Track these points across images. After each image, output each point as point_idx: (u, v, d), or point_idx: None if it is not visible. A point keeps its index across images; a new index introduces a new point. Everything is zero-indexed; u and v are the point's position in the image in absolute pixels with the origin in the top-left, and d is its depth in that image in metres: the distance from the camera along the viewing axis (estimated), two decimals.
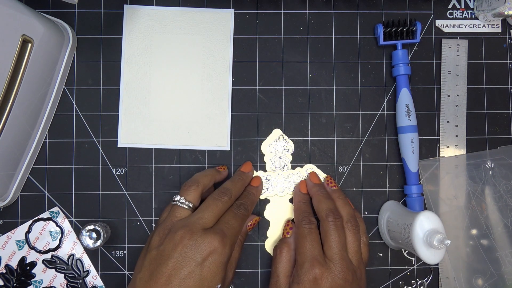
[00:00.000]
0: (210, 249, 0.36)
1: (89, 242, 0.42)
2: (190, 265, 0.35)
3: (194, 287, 0.35)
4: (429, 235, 0.37)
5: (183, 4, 0.47)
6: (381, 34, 0.46)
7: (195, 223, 0.37)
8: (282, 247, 0.42)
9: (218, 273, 0.36)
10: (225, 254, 0.36)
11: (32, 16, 0.38)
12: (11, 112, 0.39)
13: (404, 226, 0.40)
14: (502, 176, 0.46)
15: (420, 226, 0.38)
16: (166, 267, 0.35)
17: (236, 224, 0.39)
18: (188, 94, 0.46)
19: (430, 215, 0.38)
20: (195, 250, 0.35)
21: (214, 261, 0.36)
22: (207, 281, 0.35)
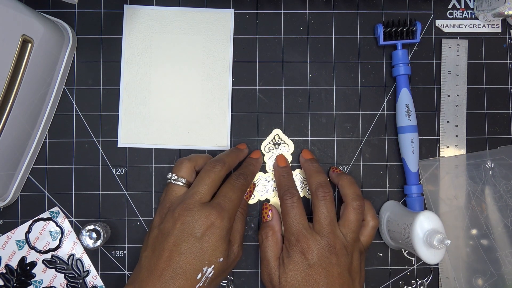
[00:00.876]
0: (208, 223, 0.36)
1: (89, 242, 0.42)
2: (189, 240, 0.35)
3: (195, 261, 0.35)
4: (429, 235, 0.37)
5: (183, 4, 0.47)
6: (381, 34, 0.46)
7: (191, 198, 0.37)
8: (266, 231, 0.41)
9: (219, 246, 0.36)
10: (223, 228, 0.36)
11: (32, 16, 0.38)
12: (11, 112, 0.39)
13: (404, 226, 0.40)
14: (502, 176, 0.46)
15: (420, 226, 0.38)
16: (167, 243, 0.36)
17: (234, 196, 0.39)
18: (188, 94, 0.46)
19: (430, 215, 0.38)
20: (193, 226, 0.36)
21: (213, 235, 0.36)
22: (208, 255, 0.35)
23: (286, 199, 0.40)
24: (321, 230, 0.38)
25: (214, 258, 0.36)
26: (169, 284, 0.34)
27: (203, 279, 0.35)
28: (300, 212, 0.39)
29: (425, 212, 0.38)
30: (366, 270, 0.46)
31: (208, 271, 0.36)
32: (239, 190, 0.40)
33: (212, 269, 0.36)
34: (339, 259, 0.37)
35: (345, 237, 0.39)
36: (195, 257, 0.35)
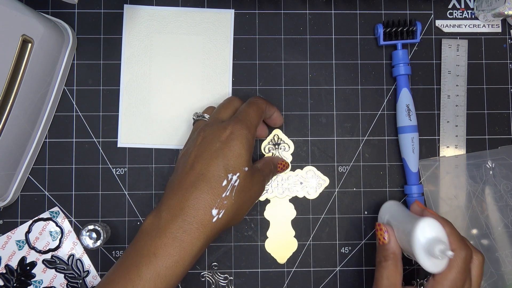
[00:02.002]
0: (227, 132, 0.36)
1: (89, 242, 0.42)
2: (211, 148, 0.35)
3: (219, 167, 0.35)
4: (430, 244, 0.35)
5: (183, 4, 0.47)
6: (381, 34, 0.46)
7: (211, 118, 0.39)
8: (385, 254, 0.37)
9: (242, 154, 0.35)
10: (244, 135, 0.36)
11: (32, 16, 0.38)
12: (11, 112, 0.39)
13: (404, 232, 0.38)
14: (502, 176, 0.46)
15: (422, 233, 0.35)
16: (190, 158, 0.36)
17: (251, 110, 0.38)
18: (188, 94, 0.46)
19: (432, 222, 0.36)
20: (213, 136, 0.36)
21: (234, 141, 0.35)
22: (232, 161, 0.35)
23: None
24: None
25: (239, 165, 0.35)
26: (192, 192, 0.34)
27: (229, 187, 0.35)
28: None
29: (427, 219, 0.36)
30: (367, 270, 0.46)
31: (234, 179, 0.35)
32: (256, 107, 0.39)
33: (238, 178, 0.35)
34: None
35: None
36: (218, 164, 0.35)
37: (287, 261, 0.46)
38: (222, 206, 0.34)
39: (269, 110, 0.41)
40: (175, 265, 0.33)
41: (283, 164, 0.44)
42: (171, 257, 0.33)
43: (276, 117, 0.43)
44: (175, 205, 0.34)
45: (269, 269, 0.46)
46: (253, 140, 0.37)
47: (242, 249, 0.46)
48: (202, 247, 0.34)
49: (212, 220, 0.34)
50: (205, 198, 0.34)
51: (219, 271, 0.45)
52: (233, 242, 0.46)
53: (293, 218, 0.46)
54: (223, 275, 0.45)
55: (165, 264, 0.32)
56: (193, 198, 0.34)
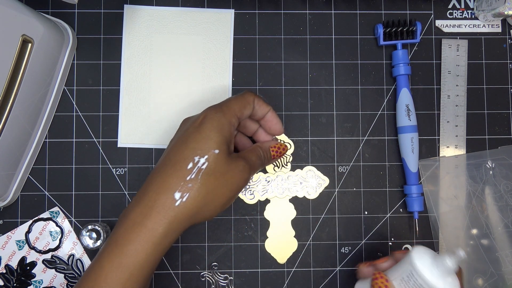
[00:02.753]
0: (202, 116, 0.35)
1: (89, 242, 0.42)
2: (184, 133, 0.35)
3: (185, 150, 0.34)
4: (436, 265, 0.32)
5: (183, 4, 0.47)
6: (381, 34, 0.46)
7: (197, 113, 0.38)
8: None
9: (212, 136, 0.33)
10: (217, 118, 0.34)
11: (32, 16, 0.38)
12: (11, 112, 0.39)
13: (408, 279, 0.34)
14: (502, 176, 0.46)
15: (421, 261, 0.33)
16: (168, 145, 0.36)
17: (233, 98, 0.37)
18: (188, 94, 0.46)
19: (420, 248, 0.34)
20: (190, 122, 0.35)
21: (205, 123, 0.34)
22: (200, 143, 0.33)
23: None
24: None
25: (207, 148, 0.33)
26: (156, 176, 0.33)
27: (195, 169, 0.33)
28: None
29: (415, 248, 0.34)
30: None
31: (201, 162, 0.33)
32: (240, 97, 0.37)
33: (206, 160, 0.33)
34: None
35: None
36: (186, 146, 0.33)
37: (287, 261, 0.46)
38: (187, 189, 0.32)
39: (260, 107, 0.38)
40: (135, 253, 0.31)
41: (277, 147, 0.40)
42: (131, 244, 0.31)
43: (271, 119, 0.39)
44: (141, 191, 0.34)
45: (269, 269, 0.46)
46: (229, 125, 0.35)
47: (242, 249, 0.46)
48: (165, 233, 0.32)
49: (174, 204, 0.32)
50: (168, 181, 0.33)
51: (219, 271, 0.45)
52: (233, 242, 0.46)
53: (293, 218, 0.46)
54: (223, 275, 0.45)
55: (125, 252, 0.31)
56: (156, 182, 0.33)
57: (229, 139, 0.35)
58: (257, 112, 0.38)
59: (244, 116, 0.37)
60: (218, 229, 0.46)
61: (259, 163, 0.38)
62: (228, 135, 0.35)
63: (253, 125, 0.41)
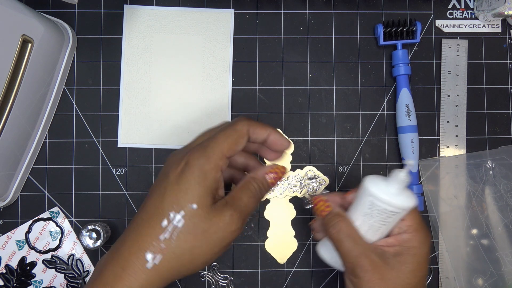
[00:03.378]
0: (183, 162, 0.31)
1: (89, 242, 0.42)
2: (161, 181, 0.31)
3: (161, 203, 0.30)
4: (390, 183, 0.33)
5: (183, 4, 0.47)
6: (381, 34, 0.46)
7: (186, 145, 0.34)
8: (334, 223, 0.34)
9: (190, 188, 0.30)
10: (198, 167, 0.30)
11: (32, 16, 0.38)
12: (11, 112, 0.39)
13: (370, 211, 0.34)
14: (502, 176, 0.46)
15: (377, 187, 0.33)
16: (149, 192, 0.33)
17: (221, 134, 0.32)
18: (188, 94, 0.46)
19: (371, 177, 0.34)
20: (170, 167, 0.31)
21: (184, 173, 0.30)
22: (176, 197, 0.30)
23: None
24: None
25: (184, 202, 0.29)
26: (131, 233, 0.30)
27: (169, 228, 0.29)
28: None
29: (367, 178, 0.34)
30: None
31: (176, 219, 0.29)
32: (230, 128, 0.32)
33: (182, 217, 0.29)
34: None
35: None
36: (162, 199, 0.30)
37: (287, 261, 0.46)
38: (159, 250, 0.29)
39: (257, 134, 0.33)
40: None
41: (274, 171, 0.34)
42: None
43: (275, 140, 0.34)
44: (116, 245, 0.31)
45: (269, 269, 0.46)
46: (214, 171, 0.30)
47: (242, 249, 0.46)
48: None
49: (145, 266, 0.29)
50: (141, 239, 0.30)
51: (219, 271, 0.45)
52: (233, 242, 0.46)
53: (293, 218, 0.46)
54: (223, 275, 0.45)
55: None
56: (130, 239, 0.30)
57: (214, 188, 0.31)
58: (256, 139, 0.34)
59: (236, 152, 0.32)
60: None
61: (253, 201, 0.33)
62: (212, 184, 0.31)
63: (253, 146, 0.37)
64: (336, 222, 0.34)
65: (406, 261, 0.33)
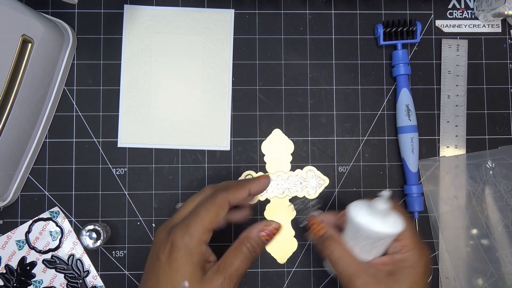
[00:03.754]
0: (170, 243, 0.33)
1: (89, 242, 0.42)
2: (154, 265, 0.33)
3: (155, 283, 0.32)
4: (371, 209, 0.34)
5: (183, 4, 0.47)
6: (381, 34, 0.46)
7: (168, 221, 0.35)
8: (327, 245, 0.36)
9: (180, 268, 0.32)
10: (184, 246, 0.32)
11: (32, 16, 0.38)
12: (11, 112, 0.39)
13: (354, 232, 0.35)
14: (502, 176, 0.46)
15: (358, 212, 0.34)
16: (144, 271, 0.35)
17: (202, 210, 0.34)
18: (188, 94, 0.46)
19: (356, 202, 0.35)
20: (158, 248, 0.33)
21: (172, 254, 0.32)
22: (170, 279, 0.32)
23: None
24: None
25: (176, 282, 0.32)
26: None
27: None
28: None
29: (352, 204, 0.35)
30: None
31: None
32: (211, 202, 0.34)
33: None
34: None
35: None
36: (158, 281, 0.32)
37: (287, 261, 0.46)
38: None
39: (237, 198, 0.35)
40: None
41: (268, 228, 0.36)
42: None
43: (257, 190, 0.37)
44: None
45: (269, 269, 0.45)
46: (199, 247, 0.33)
47: None
48: None
49: None
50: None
51: None
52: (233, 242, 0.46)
53: (293, 218, 0.46)
54: None
55: None
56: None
57: (201, 261, 0.33)
58: (240, 202, 0.36)
59: (218, 224, 0.34)
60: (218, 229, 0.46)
61: (245, 264, 0.34)
62: (199, 258, 0.33)
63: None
64: (328, 245, 0.36)
65: (399, 280, 0.34)
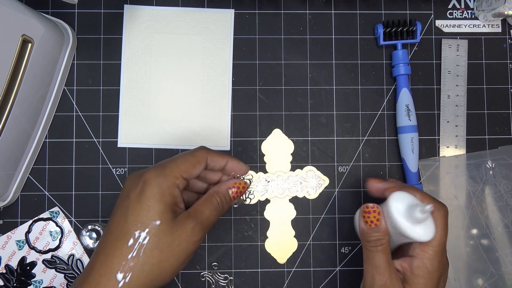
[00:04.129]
0: (142, 181, 0.32)
1: (89, 242, 0.42)
2: (123, 202, 0.33)
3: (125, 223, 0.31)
4: (410, 211, 0.34)
5: (183, 4, 0.47)
6: (381, 34, 0.46)
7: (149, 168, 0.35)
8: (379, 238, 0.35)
9: (152, 206, 0.31)
10: (157, 185, 0.32)
11: (32, 16, 0.38)
12: (11, 112, 0.39)
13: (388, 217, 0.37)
14: (502, 176, 0.46)
15: (397, 207, 0.35)
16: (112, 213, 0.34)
17: (180, 157, 0.34)
18: (188, 94, 0.46)
19: (400, 194, 0.36)
20: (130, 187, 0.33)
21: (144, 192, 0.32)
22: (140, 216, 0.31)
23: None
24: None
25: (148, 220, 0.31)
26: (99, 255, 0.31)
27: (136, 246, 0.31)
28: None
29: (394, 194, 0.36)
30: None
31: (142, 236, 0.31)
32: (189, 154, 0.35)
33: (147, 234, 0.31)
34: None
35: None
36: (125, 219, 0.31)
37: (287, 261, 0.46)
38: (129, 268, 0.31)
39: (215, 162, 0.36)
40: None
41: (236, 186, 0.37)
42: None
43: (233, 167, 0.37)
44: (85, 269, 0.32)
45: (269, 269, 0.45)
46: (172, 188, 0.33)
47: (242, 249, 0.46)
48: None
49: (117, 286, 0.30)
50: (109, 261, 0.31)
51: (219, 271, 0.45)
52: (233, 242, 0.46)
53: (293, 218, 0.46)
54: (223, 275, 0.45)
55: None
56: (99, 262, 0.31)
57: (173, 203, 0.33)
58: (215, 167, 0.37)
59: (193, 175, 0.35)
60: (218, 229, 0.46)
61: (214, 215, 0.35)
62: (171, 199, 0.33)
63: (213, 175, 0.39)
64: (377, 246, 0.35)
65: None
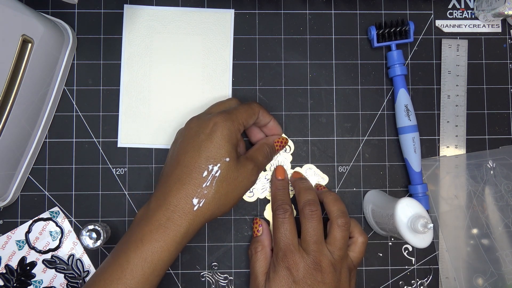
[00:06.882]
0: (211, 123, 0.37)
1: (89, 242, 0.42)
2: (195, 140, 0.37)
3: (200, 158, 0.36)
4: (412, 221, 0.37)
5: (183, 4, 0.47)
6: (375, 36, 0.45)
7: (203, 113, 0.41)
8: (255, 246, 0.41)
9: (223, 145, 0.37)
10: (226, 127, 0.37)
11: (32, 16, 0.38)
12: (11, 112, 0.39)
13: (387, 216, 0.40)
14: (503, 176, 0.46)
15: (403, 214, 0.38)
16: (176, 148, 0.38)
17: (241, 107, 0.40)
18: (188, 94, 0.46)
19: (409, 201, 0.38)
20: (199, 128, 0.38)
21: (215, 132, 0.37)
22: (212, 152, 0.37)
23: (278, 214, 0.40)
24: (307, 247, 0.38)
25: (219, 156, 0.37)
26: (175, 183, 0.36)
27: (209, 177, 0.36)
28: (291, 228, 0.39)
29: (404, 200, 0.38)
30: (367, 270, 0.46)
31: (215, 170, 0.36)
32: (247, 105, 0.40)
33: (219, 168, 0.36)
34: (324, 277, 0.37)
35: (332, 255, 0.38)
36: (200, 155, 0.36)
37: None
38: (203, 195, 0.36)
39: (263, 117, 0.42)
40: (161, 250, 0.35)
41: (280, 141, 0.44)
42: (156, 243, 0.35)
43: (273, 127, 0.43)
44: (161, 195, 0.37)
45: None
46: (237, 132, 0.38)
47: (242, 249, 0.46)
48: (186, 233, 0.36)
49: (193, 209, 0.36)
50: (187, 189, 0.36)
51: (219, 271, 0.45)
52: (233, 242, 0.46)
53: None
54: (223, 275, 0.45)
55: (151, 249, 0.35)
56: (176, 189, 0.36)
57: (237, 145, 0.38)
58: (261, 121, 0.42)
59: (248, 124, 0.40)
60: (218, 229, 0.46)
61: (265, 161, 0.42)
62: (236, 142, 0.38)
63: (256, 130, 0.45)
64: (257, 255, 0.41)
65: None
